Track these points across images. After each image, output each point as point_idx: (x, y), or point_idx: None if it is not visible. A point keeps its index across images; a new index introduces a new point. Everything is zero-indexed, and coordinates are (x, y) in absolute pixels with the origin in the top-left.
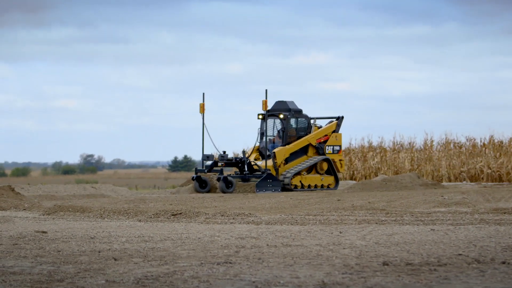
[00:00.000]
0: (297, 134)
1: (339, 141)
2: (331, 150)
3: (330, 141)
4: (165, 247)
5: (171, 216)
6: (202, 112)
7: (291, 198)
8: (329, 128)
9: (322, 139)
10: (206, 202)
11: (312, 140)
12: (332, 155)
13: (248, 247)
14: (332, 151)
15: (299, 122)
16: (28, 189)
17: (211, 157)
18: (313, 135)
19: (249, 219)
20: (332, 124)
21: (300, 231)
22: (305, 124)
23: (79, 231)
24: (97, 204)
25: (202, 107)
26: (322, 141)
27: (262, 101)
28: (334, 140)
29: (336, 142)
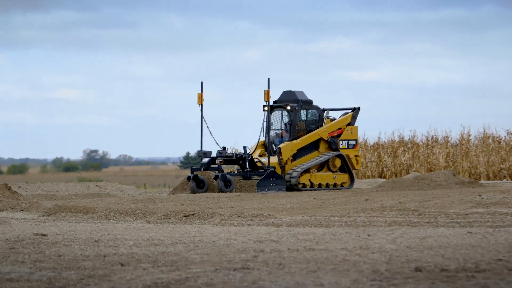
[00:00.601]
0: (306, 128)
1: (354, 135)
2: (345, 145)
3: (344, 135)
4: (177, 251)
5: (183, 218)
6: (200, 103)
7: (314, 198)
8: (343, 121)
9: (335, 133)
10: (221, 202)
11: (323, 134)
12: (347, 150)
13: (268, 251)
14: (347, 146)
15: (309, 114)
16: (26, 187)
17: (208, 153)
18: (325, 128)
19: (268, 220)
20: (346, 116)
21: (324, 234)
22: (316, 116)
23: (82, 234)
24: (101, 204)
25: (200, 97)
26: (335, 135)
27: (264, 91)
28: (349, 134)
29: (352, 136)
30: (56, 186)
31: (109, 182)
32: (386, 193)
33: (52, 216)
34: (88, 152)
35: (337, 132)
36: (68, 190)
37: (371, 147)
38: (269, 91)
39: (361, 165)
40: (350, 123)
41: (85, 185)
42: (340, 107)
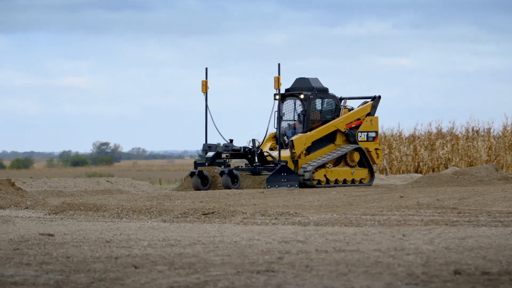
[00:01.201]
0: (321, 118)
1: (375, 126)
2: (364, 137)
3: (363, 127)
4: (195, 253)
5: (201, 216)
6: (205, 91)
7: (344, 195)
8: (362, 111)
9: (354, 124)
10: (243, 199)
11: (340, 126)
12: (366, 143)
13: (294, 252)
14: (366, 139)
15: (324, 104)
16: (31, 183)
17: (213, 147)
18: (342, 119)
19: (294, 219)
20: (366, 106)
21: (355, 233)
22: (332, 105)
23: (92, 234)
24: (113, 202)
25: (204, 85)
26: (354, 127)
27: (274, 78)
28: (369, 125)
29: (371, 128)
30: (63, 182)
31: (121, 178)
32: (423, 189)
33: (60, 215)
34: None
35: (356, 123)
36: (77, 186)
37: (406, 140)
38: (279, 77)
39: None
40: (369, 113)
41: (95, 181)
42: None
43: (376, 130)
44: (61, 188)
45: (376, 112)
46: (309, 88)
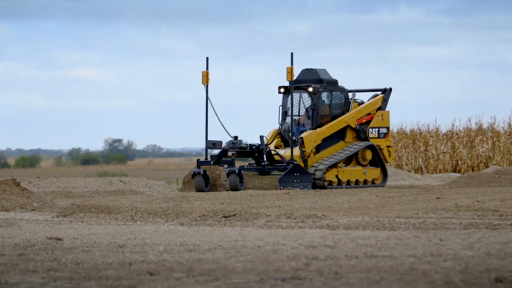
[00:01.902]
0: (330, 113)
1: (386, 121)
2: (375, 133)
3: (374, 122)
4: (215, 258)
5: (222, 219)
6: (206, 83)
7: (376, 196)
8: (373, 105)
9: (364, 119)
10: (266, 200)
11: (351, 121)
12: (378, 140)
13: (322, 258)
14: (377, 135)
15: (333, 97)
16: (38, 183)
17: (218, 144)
18: (353, 114)
19: (322, 222)
20: (376, 99)
21: (388, 238)
22: (342, 99)
23: (104, 238)
24: (126, 203)
25: (205, 76)
26: (364, 122)
27: (286, 68)
28: (380, 120)
29: (383, 123)
30: (73, 182)
31: (135, 177)
32: (461, 190)
33: (69, 217)
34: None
35: (366, 118)
36: (87, 186)
37: (443, 136)
38: (292, 68)
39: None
40: (380, 107)
41: (107, 181)
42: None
43: (388, 126)
44: (70, 189)
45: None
46: (317, 80)
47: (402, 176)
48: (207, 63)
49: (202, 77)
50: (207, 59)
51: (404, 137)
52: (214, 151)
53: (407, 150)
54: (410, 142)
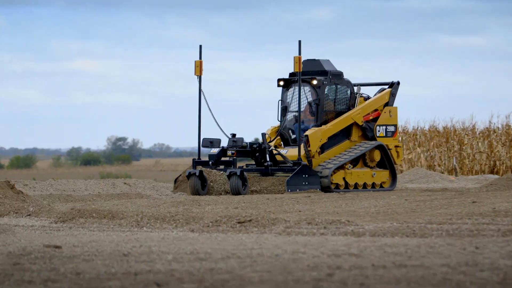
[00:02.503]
0: (335, 109)
1: (393, 118)
2: (383, 131)
3: (381, 119)
4: (229, 268)
5: (236, 225)
6: (198, 74)
7: (406, 199)
8: (380, 100)
9: (371, 116)
10: (285, 204)
11: (357, 118)
12: (385, 139)
13: (346, 268)
14: (385, 134)
15: (338, 91)
16: (34, 186)
17: (216, 142)
18: (359, 110)
19: (347, 228)
20: (383, 94)
21: (419, 245)
22: (347, 94)
23: (107, 246)
24: (132, 208)
25: (198, 66)
26: (371, 119)
27: (294, 58)
28: (387, 118)
29: (390, 120)
30: (72, 184)
31: (141, 179)
32: (500, 193)
33: (68, 223)
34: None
35: (373, 114)
36: (88, 189)
37: (480, 134)
38: (300, 58)
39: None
40: (387, 103)
41: (110, 183)
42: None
43: (395, 124)
44: (70, 192)
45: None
46: (320, 72)
47: (434, 178)
48: (200, 52)
49: (194, 67)
50: (200, 47)
51: (436, 135)
52: (213, 150)
53: (439, 150)
54: (443, 141)
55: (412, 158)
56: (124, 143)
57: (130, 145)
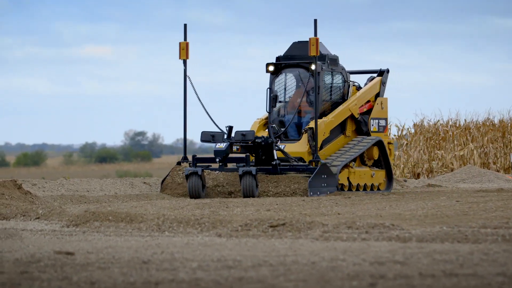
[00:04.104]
0: (331, 99)
1: (385, 111)
2: (376, 126)
3: (374, 112)
4: (260, 277)
5: (269, 229)
6: (184, 58)
7: (457, 201)
8: (372, 89)
9: (365, 108)
10: (323, 206)
11: (354, 110)
12: (377, 134)
13: (390, 277)
14: (377, 128)
15: (334, 79)
16: (44, 185)
17: (219, 136)
18: (355, 100)
19: (391, 233)
20: (375, 83)
21: (471, 252)
22: (341, 82)
23: (124, 252)
24: (152, 210)
25: (184, 49)
26: (365, 111)
27: (309, 40)
28: (379, 110)
29: (382, 114)
30: (86, 184)
31: (162, 178)
32: None
33: (82, 227)
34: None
35: (367, 106)
36: (104, 189)
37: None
38: (317, 39)
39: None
40: (378, 94)
41: (128, 182)
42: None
43: (386, 117)
44: (83, 192)
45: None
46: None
47: (488, 177)
48: (185, 31)
49: (179, 50)
50: (185, 26)
51: (491, 129)
52: (219, 145)
53: (494, 145)
54: (499, 136)
55: (464, 155)
56: (143, 138)
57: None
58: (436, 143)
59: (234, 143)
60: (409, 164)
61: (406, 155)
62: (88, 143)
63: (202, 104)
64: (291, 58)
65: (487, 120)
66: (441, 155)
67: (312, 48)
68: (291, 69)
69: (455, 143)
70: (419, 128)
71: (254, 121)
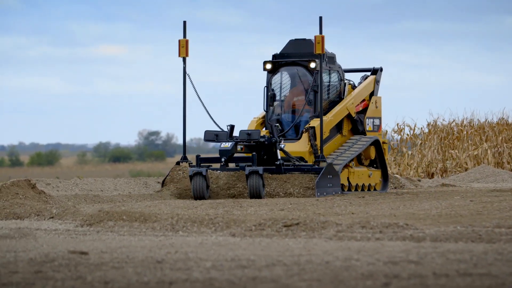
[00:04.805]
0: (328, 98)
1: (379, 110)
2: (370, 125)
3: (370, 111)
4: (274, 277)
5: (282, 228)
6: (184, 56)
7: (471, 200)
8: (367, 88)
9: (360, 107)
10: (336, 205)
11: (351, 109)
12: (372, 133)
13: (404, 276)
14: (372, 128)
15: (332, 77)
16: (57, 185)
17: (223, 135)
18: (352, 99)
19: (405, 233)
20: (369, 81)
21: (485, 252)
22: (338, 80)
23: (138, 252)
24: (166, 209)
25: (184, 47)
26: (360, 110)
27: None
28: (374, 110)
29: (376, 113)
30: (100, 184)
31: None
32: None
33: (96, 226)
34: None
35: (362, 105)
36: (118, 188)
37: None
38: (323, 37)
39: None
40: (373, 92)
41: (142, 182)
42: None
43: (380, 117)
44: (97, 192)
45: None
46: (310, 54)
47: (503, 176)
48: (185, 29)
49: (179, 47)
50: (184, 23)
51: (505, 129)
52: (225, 144)
53: (509, 145)
54: None
55: (478, 154)
56: (157, 137)
57: (164, 140)
58: (450, 143)
59: (239, 143)
60: (423, 164)
61: (420, 154)
62: (102, 143)
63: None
64: (287, 56)
65: (502, 120)
66: (455, 154)
67: (318, 46)
68: (288, 67)
69: (469, 143)
70: (433, 127)
71: (251, 120)
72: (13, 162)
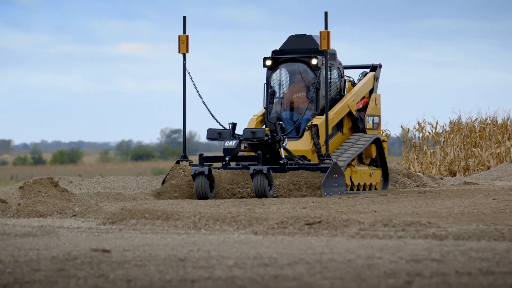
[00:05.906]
0: (330, 95)
1: (378, 108)
2: (370, 123)
3: (369, 109)
4: (296, 275)
5: (305, 226)
6: (184, 52)
7: (493, 199)
8: (367, 85)
9: (361, 104)
10: (359, 204)
11: (352, 106)
12: (372, 131)
13: (427, 275)
14: (372, 126)
15: (332, 74)
16: (80, 183)
17: (226, 134)
18: (353, 97)
19: (427, 231)
20: (369, 79)
21: (508, 250)
22: (338, 77)
23: (161, 250)
24: (188, 207)
25: (184, 42)
26: (361, 108)
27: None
28: (374, 107)
29: (376, 110)
30: (122, 182)
31: None
32: None
33: (118, 224)
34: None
35: (362, 102)
36: (140, 187)
37: None
38: (329, 33)
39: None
40: (372, 89)
41: None
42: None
43: (379, 114)
44: (120, 190)
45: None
46: (312, 50)
47: None
48: (184, 24)
49: (179, 43)
50: (184, 18)
51: None
52: (229, 143)
53: None
54: None
55: (500, 152)
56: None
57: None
58: (473, 141)
59: (243, 141)
60: (446, 162)
61: (443, 152)
62: (124, 141)
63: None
64: (287, 52)
65: None
66: (478, 152)
67: (323, 42)
68: (289, 64)
69: (491, 141)
70: (456, 125)
71: (251, 118)
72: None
